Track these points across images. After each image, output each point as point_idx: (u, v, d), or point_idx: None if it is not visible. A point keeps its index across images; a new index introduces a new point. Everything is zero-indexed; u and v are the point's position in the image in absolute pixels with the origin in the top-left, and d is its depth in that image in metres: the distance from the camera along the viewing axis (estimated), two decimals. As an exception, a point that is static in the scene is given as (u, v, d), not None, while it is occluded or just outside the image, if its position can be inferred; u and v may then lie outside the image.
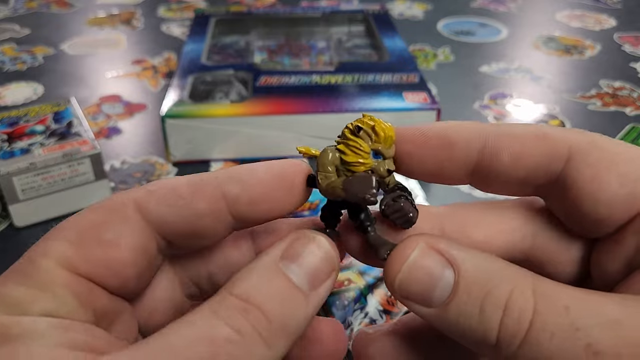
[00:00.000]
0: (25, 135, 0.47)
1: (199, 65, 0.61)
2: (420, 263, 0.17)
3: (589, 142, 0.18)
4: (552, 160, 0.18)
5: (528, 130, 0.18)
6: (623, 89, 0.66)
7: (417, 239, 0.17)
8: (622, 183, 0.17)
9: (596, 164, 0.17)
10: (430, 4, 0.96)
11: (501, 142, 0.18)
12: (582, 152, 0.17)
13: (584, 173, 0.17)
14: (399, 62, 0.61)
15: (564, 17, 0.90)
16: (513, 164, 0.18)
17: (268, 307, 0.16)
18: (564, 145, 0.18)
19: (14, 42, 0.80)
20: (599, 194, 0.17)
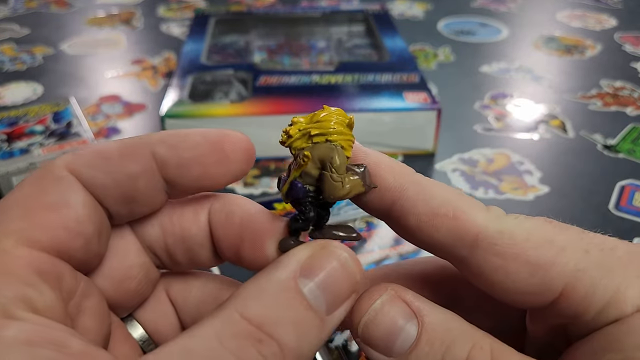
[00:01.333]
0: (24, 135, 0.47)
1: (199, 65, 0.60)
2: (385, 310, 0.17)
3: (498, 230, 0.17)
4: (457, 244, 0.17)
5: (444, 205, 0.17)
6: (624, 89, 0.66)
7: (386, 286, 0.18)
8: (532, 272, 0.16)
9: (503, 253, 0.17)
10: (431, 3, 0.95)
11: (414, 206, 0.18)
12: (489, 240, 0.17)
13: (490, 262, 0.17)
14: (399, 62, 0.61)
15: (565, 17, 0.90)
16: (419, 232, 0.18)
17: (285, 338, 0.15)
18: (472, 231, 0.17)
19: (14, 42, 0.80)
20: (508, 284, 0.17)
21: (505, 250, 0.17)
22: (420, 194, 0.18)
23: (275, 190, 0.48)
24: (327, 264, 0.16)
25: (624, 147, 0.55)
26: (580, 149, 0.55)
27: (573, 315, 0.16)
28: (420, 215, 0.18)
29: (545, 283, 0.16)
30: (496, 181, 0.50)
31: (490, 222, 0.17)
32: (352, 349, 0.32)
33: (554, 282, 0.16)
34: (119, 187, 0.17)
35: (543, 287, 0.16)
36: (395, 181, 0.18)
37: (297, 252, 0.17)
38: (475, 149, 0.55)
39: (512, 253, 0.17)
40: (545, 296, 0.16)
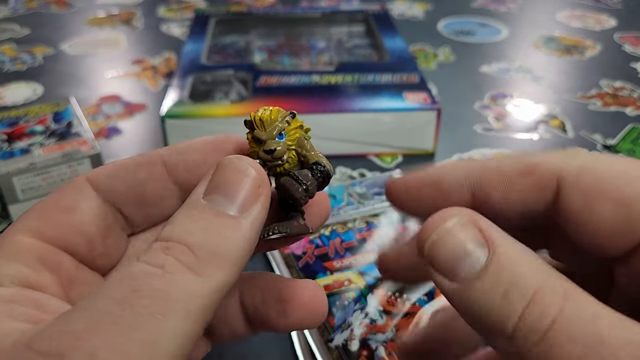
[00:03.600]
0: (25, 136, 0.47)
1: (199, 65, 0.61)
2: (456, 232, 0.16)
3: (577, 166, 0.16)
4: (542, 194, 0.17)
5: (515, 166, 0.17)
6: (623, 89, 0.66)
7: (460, 210, 0.17)
8: (616, 209, 0.16)
9: (586, 190, 0.16)
10: (431, 3, 0.95)
11: (490, 181, 0.18)
12: (571, 179, 0.16)
13: (574, 202, 0.16)
14: (399, 62, 0.61)
15: (565, 17, 0.90)
16: (504, 202, 0.18)
17: (190, 239, 0.16)
18: (552, 176, 0.17)
19: (14, 42, 0.80)
20: (593, 224, 0.16)
21: (588, 187, 0.16)
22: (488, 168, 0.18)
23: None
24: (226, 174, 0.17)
25: (623, 147, 0.55)
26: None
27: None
28: (499, 187, 0.18)
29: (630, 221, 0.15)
30: (496, 181, 0.50)
31: (568, 160, 0.17)
32: (352, 349, 0.32)
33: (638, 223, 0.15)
34: (131, 192, 0.20)
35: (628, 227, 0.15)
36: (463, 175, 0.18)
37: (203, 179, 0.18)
38: (475, 149, 0.55)
39: (596, 189, 0.16)
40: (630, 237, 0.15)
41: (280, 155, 0.19)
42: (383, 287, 0.35)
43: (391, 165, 0.52)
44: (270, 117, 0.19)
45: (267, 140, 0.19)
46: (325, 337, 0.33)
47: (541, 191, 0.17)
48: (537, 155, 0.17)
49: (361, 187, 0.45)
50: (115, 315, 0.14)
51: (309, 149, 0.19)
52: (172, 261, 0.15)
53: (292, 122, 0.20)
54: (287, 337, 0.34)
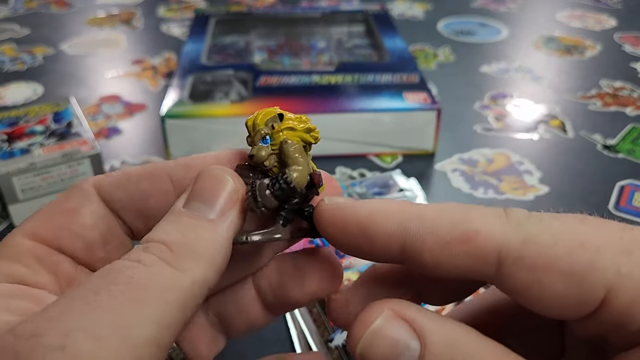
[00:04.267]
0: (25, 136, 0.47)
1: (199, 65, 0.61)
2: (384, 331, 0.16)
3: (520, 241, 0.15)
4: (480, 266, 0.16)
5: (452, 229, 0.16)
6: (623, 89, 0.66)
7: (384, 304, 0.16)
8: (568, 283, 0.15)
9: (532, 266, 0.15)
10: (431, 4, 0.95)
11: (422, 241, 0.16)
12: (514, 255, 0.15)
13: (520, 278, 0.15)
14: (399, 62, 0.61)
15: (565, 17, 0.90)
16: (435, 266, 0.16)
17: (168, 239, 0.16)
18: (492, 250, 0.15)
19: (14, 42, 0.80)
20: (544, 299, 0.15)
21: (534, 262, 0.15)
22: (424, 227, 0.16)
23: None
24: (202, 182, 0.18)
25: (623, 147, 0.55)
26: (580, 149, 0.55)
27: (616, 325, 0.15)
28: (432, 249, 0.16)
29: (583, 292, 0.15)
30: (496, 181, 0.50)
31: (511, 233, 0.15)
32: (352, 348, 0.32)
33: (594, 290, 0.15)
34: (133, 203, 0.20)
35: (582, 297, 0.15)
36: (394, 225, 0.17)
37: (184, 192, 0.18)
38: (475, 149, 0.55)
39: (542, 264, 0.15)
40: (585, 306, 0.15)
41: (260, 161, 0.19)
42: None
43: (391, 165, 0.52)
44: (255, 121, 0.19)
45: (252, 146, 0.19)
46: (325, 337, 0.33)
47: (478, 262, 0.16)
48: (478, 219, 0.16)
49: (361, 187, 0.45)
50: (91, 299, 0.14)
51: (289, 154, 0.18)
52: (150, 256, 0.16)
53: (281, 124, 0.19)
54: (287, 337, 0.34)
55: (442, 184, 0.50)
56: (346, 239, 0.18)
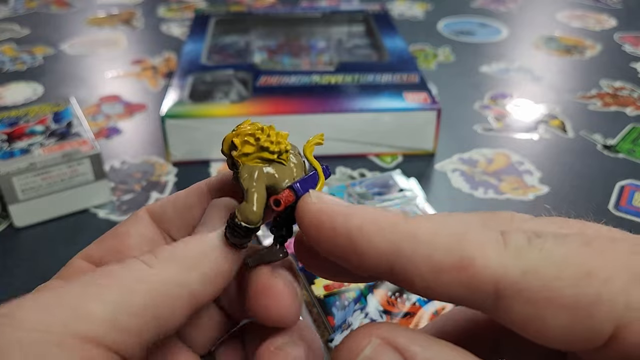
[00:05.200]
0: (25, 136, 0.47)
1: (199, 65, 0.61)
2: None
3: (521, 272, 0.14)
4: (475, 297, 0.15)
5: (448, 254, 0.15)
6: (623, 89, 0.66)
7: (372, 330, 0.15)
8: (573, 318, 0.14)
9: (533, 300, 0.14)
10: (431, 4, 0.95)
11: (415, 265, 0.15)
12: (513, 288, 0.14)
13: (521, 311, 0.14)
14: (399, 62, 0.61)
15: (565, 17, 0.90)
16: (427, 291, 0.15)
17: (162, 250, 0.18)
18: (489, 281, 0.14)
19: (14, 42, 0.80)
20: (548, 333, 0.14)
21: (535, 296, 0.14)
22: (417, 249, 0.15)
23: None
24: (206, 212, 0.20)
25: (623, 147, 0.55)
26: (580, 149, 0.55)
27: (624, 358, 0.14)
28: (424, 275, 0.15)
29: (590, 328, 0.14)
30: (496, 181, 0.50)
31: (509, 263, 0.14)
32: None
33: (601, 326, 0.13)
34: (181, 218, 0.21)
35: (588, 333, 0.14)
36: (386, 243, 0.15)
37: None
38: (475, 149, 0.55)
39: (544, 298, 0.14)
40: (592, 342, 0.14)
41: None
42: (383, 287, 0.35)
43: (391, 165, 0.52)
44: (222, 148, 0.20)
45: None
46: (325, 337, 0.33)
47: (474, 293, 0.15)
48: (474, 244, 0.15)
49: (361, 187, 0.45)
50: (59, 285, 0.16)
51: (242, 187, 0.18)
52: (134, 261, 0.17)
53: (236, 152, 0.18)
54: (287, 337, 0.34)
55: (442, 184, 0.50)
56: (331, 248, 0.16)
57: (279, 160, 0.19)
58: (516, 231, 0.15)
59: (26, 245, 0.43)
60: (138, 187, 0.49)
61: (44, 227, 0.45)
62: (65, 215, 0.46)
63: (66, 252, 0.42)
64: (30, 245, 0.43)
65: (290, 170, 0.19)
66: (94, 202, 0.47)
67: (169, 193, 0.49)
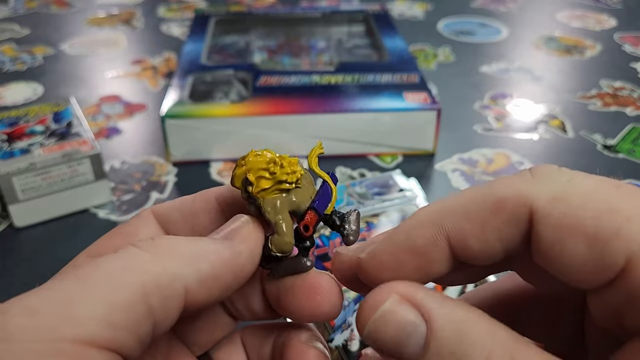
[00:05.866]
0: (25, 136, 0.47)
1: (199, 65, 0.61)
2: (392, 315, 0.16)
3: (551, 198, 0.15)
4: (516, 228, 0.16)
5: (484, 204, 0.16)
6: (623, 89, 0.66)
7: (393, 286, 0.16)
8: (590, 246, 0.14)
9: (558, 224, 0.15)
10: (431, 4, 0.95)
11: (462, 229, 0.16)
12: (542, 212, 0.15)
13: (546, 236, 0.15)
14: (399, 62, 0.61)
15: (565, 17, 0.90)
16: (482, 244, 0.16)
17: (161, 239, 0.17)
18: (524, 209, 0.16)
19: (14, 42, 0.80)
20: (565, 259, 0.15)
21: (560, 222, 0.15)
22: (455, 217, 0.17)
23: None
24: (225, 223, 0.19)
25: (623, 147, 0.55)
26: (580, 149, 0.55)
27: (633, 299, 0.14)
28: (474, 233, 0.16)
29: (604, 258, 0.14)
30: (496, 181, 0.50)
31: (539, 189, 0.15)
32: (352, 348, 0.32)
33: (615, 258, 0.14)
34: (186, 222, 0.21)
35: (602, 264, 0.14)
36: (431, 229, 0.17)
37: None
38: (475, 149, 0.55)
39: (568, 225, 0.15)
40: (604, 274, 0.15)
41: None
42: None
43: (391, 165, 0.52)
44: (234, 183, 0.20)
45: None
46: (325, 337, 0.33)
47: (515, 226, 0.16)
48: (504, 185, 0.16)
49: (361, 187, 0.45)
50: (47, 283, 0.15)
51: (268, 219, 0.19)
52: (130, 247, 0.16)
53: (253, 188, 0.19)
54: (287, 337, 0.34)
55: (442, 184, 0.50)
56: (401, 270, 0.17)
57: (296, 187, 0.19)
58: (544, 165, 0.16)
59: (26, 245, 0.43)
60: (138, 187, 0.49)
61: (44, 227, 0.45)
62: (65, 215, 0.46)
63: (66, 252, 0.42)
64: (30, 245, 0.43)
65: (305, 190, 0.19)
66: (94, 202, 0.47)
67: (169, 193, 0.49)
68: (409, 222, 0.18)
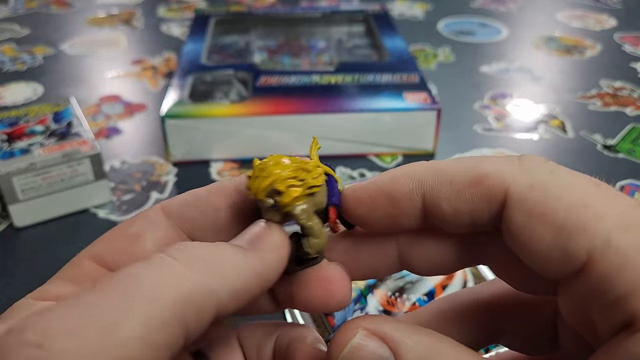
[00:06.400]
0: (25, 136, 0.47)
1: (199, 65, 0.61)
2: (360, 349, 0.16)
3: (529, 185, 0.16)
4: (488, 205, 0.16)
5: (465, 176, 0.17)
6: (623, 89, 0.66)
7: (359, 322, 0.17)
8: (557, 236, 0.15)
9: (529, 211, 0.15)
10: (431, 4, 0.95)
11: (439, 192, 0.17)
12: (517, 197, 0.16)
13: (517, 220, 0.16)
14: (399, 62, 0.61)
15: (565, 17, 0.90)
16: (453, 212, 0.17)
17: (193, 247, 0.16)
18: (500, 189, 0.16)
19: (14, 42, 0.80)
20: (533, 246, 0.15)
21: (532, 209, 0.15)
22: (439, 178, 0.17)
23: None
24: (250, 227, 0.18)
25: (623, 147, 0.55)
26: (580, 149, 0.55)
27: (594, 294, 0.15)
28: (448, 198, 0.17)
29: (567, 250, 0.15)
30: (496, 181, 0.50)
31: (520, 176, 0.16)
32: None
33: (577, 252, 0.15)
34: (207, 219, 0.19)
35: (565, 255, 0.15)
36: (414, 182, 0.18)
37: None
38: (475, 149, 0.55)
39: (539, 212, 0.15)
40: (567, 265, 0.15)
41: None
42: (383, 287, 0.35)
43: (391, 165, 0.52)
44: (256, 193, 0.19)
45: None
46: (325, 337, 0.33)
47: (488, 202, 0.16)
48: (489, 164, 0.17)
49: (361, 187, 0.45)
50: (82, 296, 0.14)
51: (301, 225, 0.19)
52: (162, 256, 0.15)
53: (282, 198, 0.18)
54: (287, 337, 0.34)
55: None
56: (374, 211, 0.18)
57: None
58: (533, 155, 0.17)
59: (26, 245, 0.43)
60: (138, 187, 0.49)
61: (44, 227, 0.45)
62: (65, 215, 0.46)
63: (66, 252, 0.42)
64: (30, 245, 0.43)
65: (322, 188, 0.19)
66: (94, 202, 0.47)
67: (169, 193, 0.49)
68: (397, 170, 0.18)
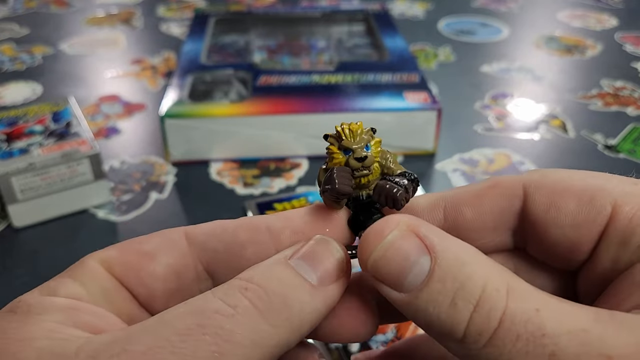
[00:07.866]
0: (24, 135, 0.47)
1: (199, 64, 0.60)
2: (397, 245, 0.16)
3: (539, 175, 0.19)
4: (510, 202, 0.19)
5: (482, 183, 0.20)
6: (624, 89, 0.66)
7: (398, 218, 0.17)
8: (579, 201, 0.17)
9: (550, 192, 0.18)
10: (431, 3, 0.95)
11: (460, 199, 0.19)
12: (535, 184, 0.18)
13: (541, 203, 0.18)
14: (399, 61, 0.61)
15: (566, 16, 0.90)
16: (476, 216, 0.19)
17: (268, 284, 0.16)
18: (517, 185, 0.19)
19: (13, 41, 0.80)
20: (560, 219, 0.18)
21: (551, 187, 0.18)
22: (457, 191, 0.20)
23: (274, 190, 0.48)
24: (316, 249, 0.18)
25: (624, 147, 0.55)
26: (580, 149, 0.54)
27: (622, 241, 0.17)
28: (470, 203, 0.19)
29: (593, 208, 0.17)
30: (497, 181, 0.50)
31: (530, 174, 0.19)
32: (352, 349, 0.32)
33: (602, 206, 0.17)
34: (229, 253, 0.19)
35: (592, 213, 0.17)
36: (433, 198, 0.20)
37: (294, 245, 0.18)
38: (475, 149, 0.55)
39: (558, 188, 0.18)
40: (596, 224, 0.17)
41: (370, 163, 0.19)
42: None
43: (391, 165, 0.52)
44: (359, 129, 0.20)
45: (356, 150, 0.19)
46: (326, 338, 0.33)
47: (509, 200, 0.19)
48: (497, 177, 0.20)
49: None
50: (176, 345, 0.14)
51: (393, 161, 0.20)
52: (247, 304, 0.15)
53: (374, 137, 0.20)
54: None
55: (442, 184, 0.49)
56: None
57: None
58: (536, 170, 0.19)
59: (25, 245, 0.43)
60: (137, 187, 0.49)
61: (44, 227, 0.44)
62: (65, 215, 0.46)
63: (66, 252, 0.42)
64: (30, 245, 0.43)
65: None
66: (93, 202, 0.46)
67: (168, 193, 0.49)
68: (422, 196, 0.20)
